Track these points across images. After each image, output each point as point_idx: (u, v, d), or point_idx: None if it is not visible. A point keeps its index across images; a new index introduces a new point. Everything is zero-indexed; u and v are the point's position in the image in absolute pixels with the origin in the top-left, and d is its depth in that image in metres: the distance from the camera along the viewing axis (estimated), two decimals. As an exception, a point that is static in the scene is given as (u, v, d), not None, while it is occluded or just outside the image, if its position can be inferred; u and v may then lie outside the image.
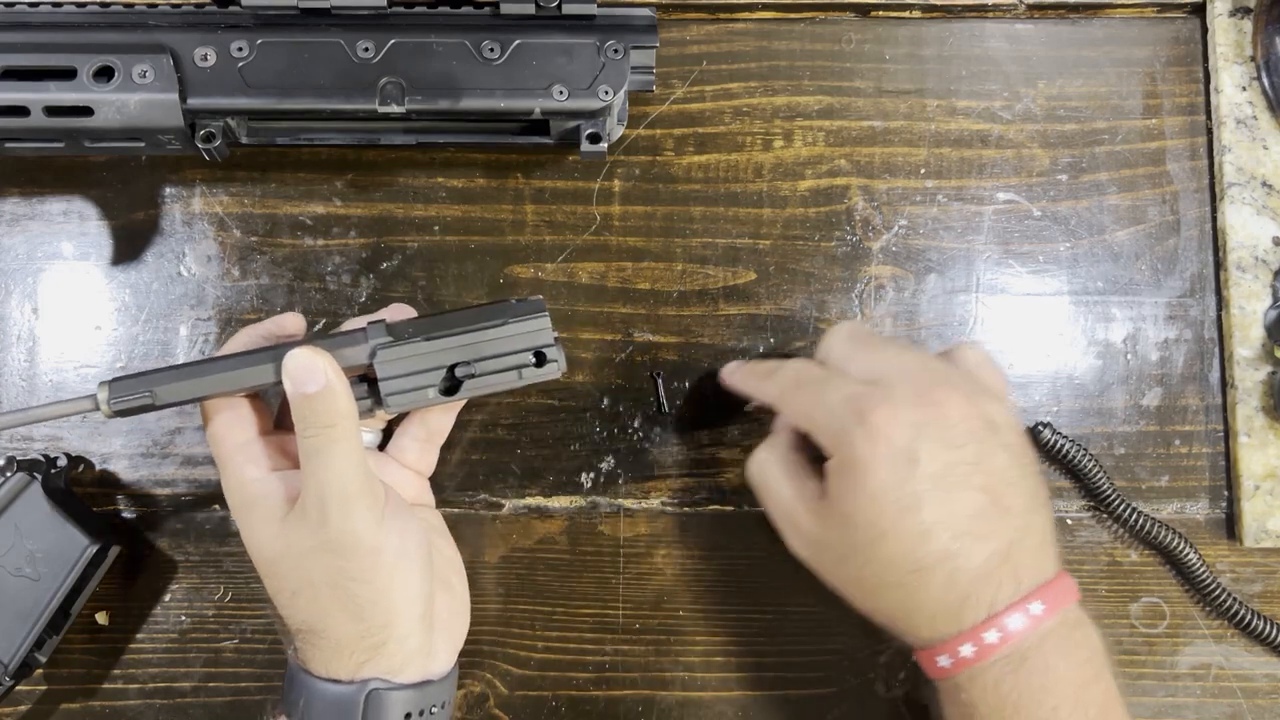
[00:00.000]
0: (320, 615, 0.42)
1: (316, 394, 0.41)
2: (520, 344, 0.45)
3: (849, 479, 0.41)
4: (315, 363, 0.41)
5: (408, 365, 0.44)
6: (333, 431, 0.41)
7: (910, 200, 0.55)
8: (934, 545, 0.40)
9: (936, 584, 0.41)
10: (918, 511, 0.41)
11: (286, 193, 0.54)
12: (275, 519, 0.43)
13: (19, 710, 0.52)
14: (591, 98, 0.49)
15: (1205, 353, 0.55)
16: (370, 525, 0.42)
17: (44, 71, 0.47)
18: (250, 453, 0.44)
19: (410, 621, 0.43)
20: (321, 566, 0.42)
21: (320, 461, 0.41)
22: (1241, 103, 0.54)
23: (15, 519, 0.48)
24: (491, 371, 0.45)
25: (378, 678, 0.43)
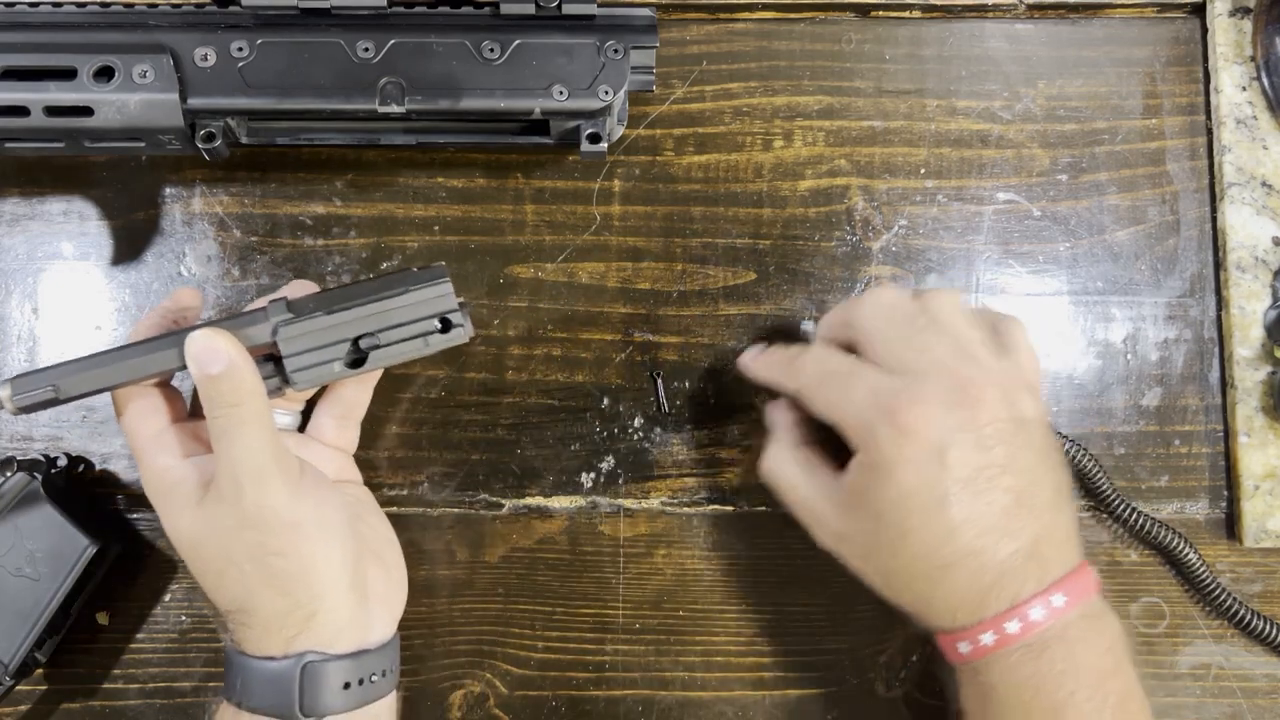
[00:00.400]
0: (246, 593, 0.43)
1: (220, 374, 0.41)
2: (424, 311, 0.45)
3: (876, 478, 0.42)
4: (216, 343, 0.42)
5: (311, 340, 0.44)
6: (239, 410, 0.41)
7: (910, 200, 0.55)
8: (959, 543, 0.41)
9: (961, 579, 0.41)
10: (944, 512, 0.41)
11: (286, 193, 0.54)
12: (192, 503, 0.43)
13: (19, 710, 0.52)
14: (591, 98, 0.49)
15: (1205, 353, 0.55)
16: (286, 499, 0.42)
17: (44, 71, 0.47)
18: (163, 441, 0.44)
19: (338, 593, 0.44)
20: (242, 543, 0.42)
21: (230, 440, 0.41)
22: (1241, 103, 0.54)
23: (15, 519, 0.48)
24: (397, 341, 0.44)
25: (312, 650, 0.43)
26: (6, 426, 0.53)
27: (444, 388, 0.54)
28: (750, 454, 0.52)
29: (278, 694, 0.42)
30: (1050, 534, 0.42)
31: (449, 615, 0.53)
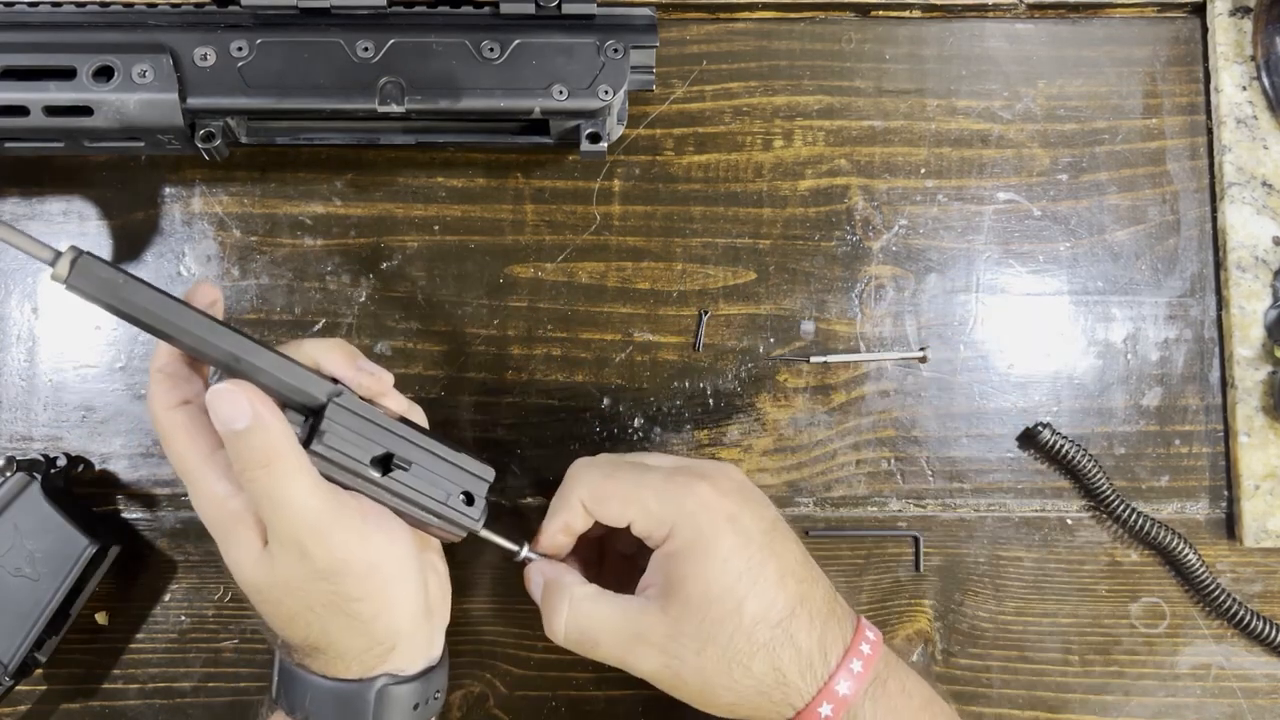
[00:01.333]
0: (322, 635, 0.41)
1: (245, 430, 0.38)
2: (460, 477, 0.44)
3: (696, 556, 0.42)
4: (239, 398, 0.38)
5: (356, 425, 0.41)
6: (272, 469, 0.38)
7: (910, 200, 0.55)
8: (790, 590, 0.42)
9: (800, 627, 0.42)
10: (767, 562, 0.42)
11: (286, 193, 0.54)
12: (254, 548, 0.40)
13: (19, 710, 0.52)
14: (591, 97, 0.49)
15: (1205, 353, 0.55)
16: (355, 546, 0.40)
17: (44, 71, 0.47)
18: (218, 463, 0.41)
19: (415, 623, 0.43)
20: (317, 592, 0.40)
21: (274, 502, 0.39)
22: (1241, 102, 0.54)
23: (15, 519, 0.48)
24: (422, 481, 0.43)
25: (387, 673, 0.42)
26: (6, 427, 0.53)
27: (444, 388, 0.54)
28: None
29: (349, 714, 0.42)
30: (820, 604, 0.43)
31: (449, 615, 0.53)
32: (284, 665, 0.44)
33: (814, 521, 0.54)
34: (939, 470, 0.54)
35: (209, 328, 0.40)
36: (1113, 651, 0.53)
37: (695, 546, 0.42)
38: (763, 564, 0.42)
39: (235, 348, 0.40)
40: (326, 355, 0.42)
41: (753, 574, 0.42)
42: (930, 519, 0.54)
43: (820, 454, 0.54)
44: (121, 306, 0.39)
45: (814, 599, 0.43)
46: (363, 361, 0.43)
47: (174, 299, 0.39)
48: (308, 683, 0.42)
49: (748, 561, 0.42)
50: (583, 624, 0.43)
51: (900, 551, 0.54)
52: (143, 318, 0.39)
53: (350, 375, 0.42)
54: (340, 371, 0.42)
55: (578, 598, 0.43)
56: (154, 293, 0.39)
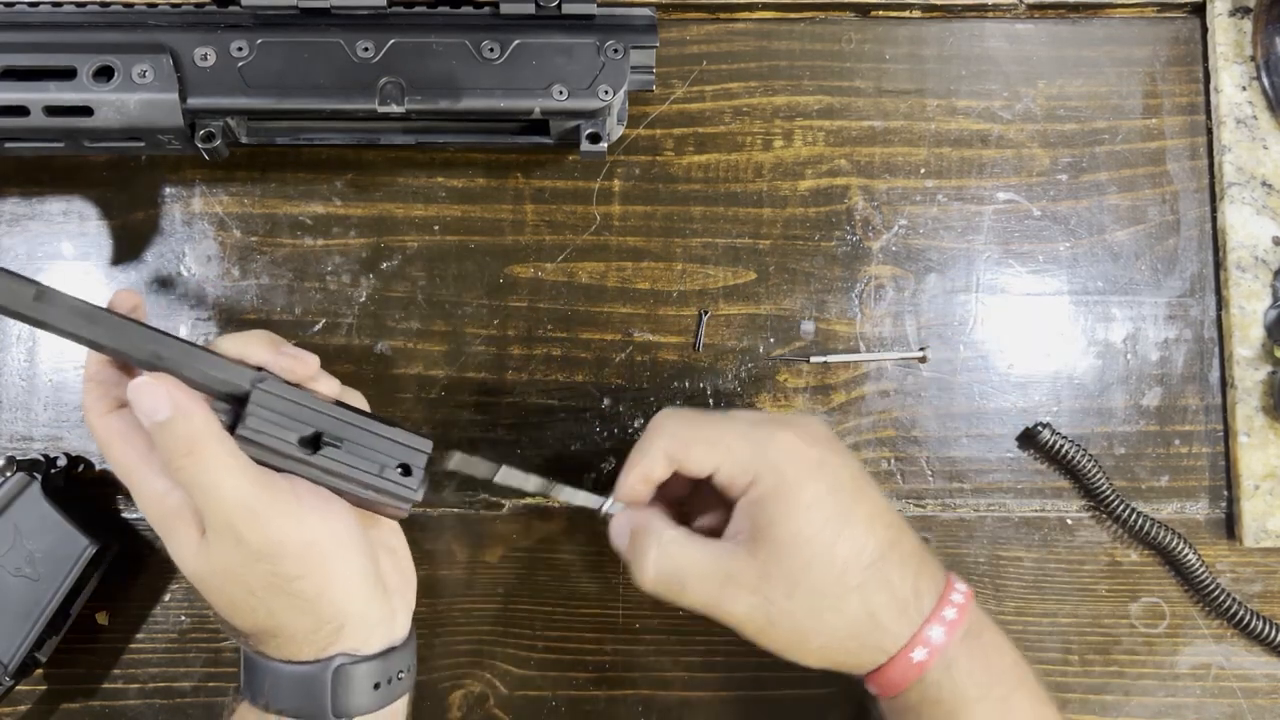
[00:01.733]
0: (269, 616, 0.42)
1: (168, 420, 0.39)
2: (394, 451, 0.43)
3: (783, 501, 0.42)
4: (158, 389, 0.39)
5: (283, 407, 0.42)
6: (197, 456, 0.39)
7: (910, 200, 0.55)
8: (879, 534, 0.42)
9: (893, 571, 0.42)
10: (856, 506, 0.42)
11: (286, 193, 0.54)
12: (194, 539, 0.41)
13: (19, 710, 0.52)
14: (591, 97, 0.49)
15: (1205, 353, 0.55)
16: (289, 525, 0.40)
17: (44, 71, 0.47)
18: (154, 462, 0.41)
19: (363, 599, 0.43)
20: (256, 574, 0.40)
21: (202, 489, 0.39)
22: (1241, 102, 0.54)
23: (15, 519, 0.48)
24: (356, 456, 0.43)
25: (343, 653, 0.42)
26: (7, 426, 0.53)
27: (444, 388, 0.54)
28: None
29: (308, 697, 0.42)
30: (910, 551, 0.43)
31: (449, 615, 0.53)
32: (246, 657, 0.44)
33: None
34: (939, 470, 0.54)
35: (127, 329, 0.41)
36: (1113, 651, 0.53)
37: (781, 492, 0.42)
38: (851, 508, 0.42)
39: (156, 345, 0.41)
40: (249, 345, 0.43)
41: (841, 517, 0.42)
42: (930, 519, 0.54)
43: (820, 454, 0.54)
44: (36, 315, 0.40)
45: (904, 545, 0.43)
46: (285, 346, 0.44)
47: (92, 306, 0.40)
48: (266, 669, 0.43)
49: (836, 506, 0.42)
50: (672, 566, 0.43)
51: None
52: (60, 324, 0.40)
53: (274, 360, 0.43)
54: (264, 359, 0.43)
55: (666, 540, 0.43)
56: (70, 300, 0.40)
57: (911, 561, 0.43)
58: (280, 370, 0.43)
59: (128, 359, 0.41)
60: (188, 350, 0.41)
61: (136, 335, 0.41)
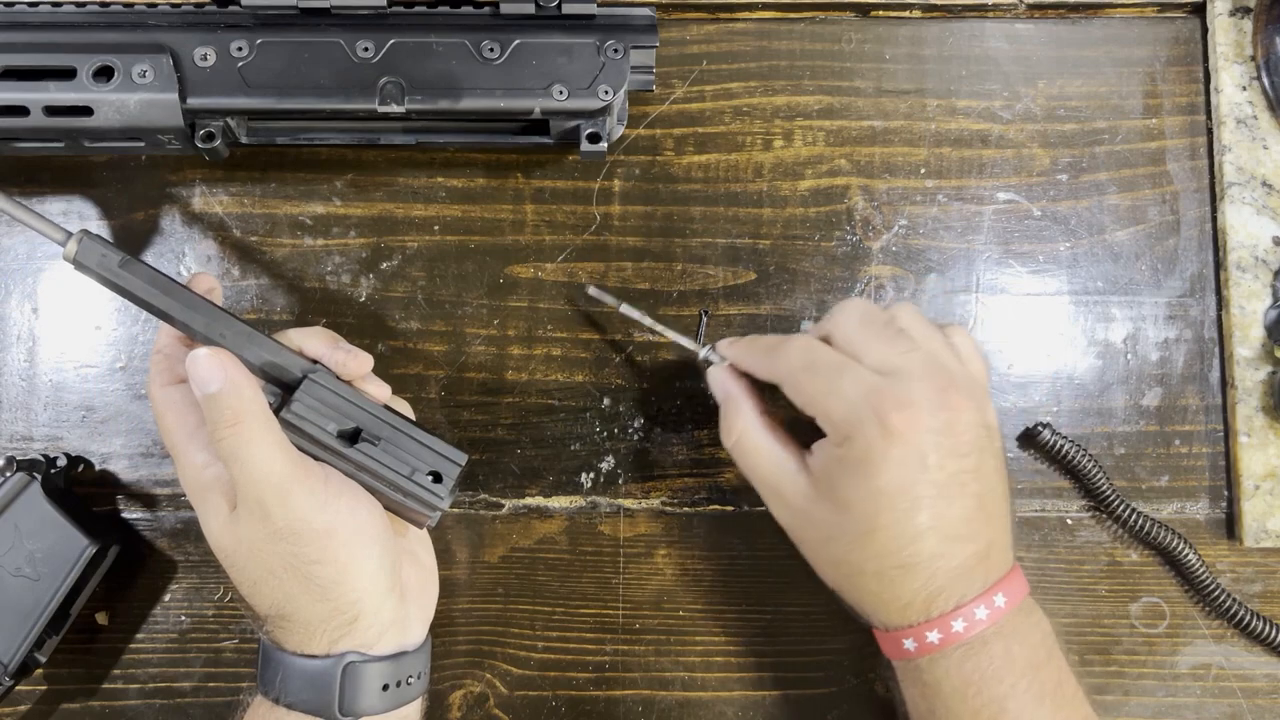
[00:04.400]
0: (286, 599, 0.43)
1: (217, 393, 0.42)
2: (428, 458, 0.45)
3: (855, 471, 0.41)
4: (214, 362, 0.42)
5: (328, 399, 0.44)
6: (240, 428, 0.41)
7: (910, 200, 0.55)
8: (923, 546, 0.41)
9: (917, 579, 0.41)
10: (916, 514, 0.41)
11: (286, 193, 0.54)
12: (224, 512, 0.43)
13: (19, 710, 0.52)
14: (591, 97, 0.49)
15: (1205, 353, 0.55)
16: (315, 508, 0.42)
17: (44, 71, 0.47)
18: (200, 438, 0.44)
19: (378, 595, 0.44)
20: (276, 555, 0.42)
21: (240, 461, 0.41)
22: (1241, 102, 0.54)
23: (15, 519, 0.48)
24: (390, 457, 0.44)
25: (353, 650, 0.43)
26: (6, 427, 0.53)
27: (444, 388, 0.54)
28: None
29: (317, 692, 0.42)
30: (1000, 538, 0.43)
31: (449, 615, 0.53)
32: (263, 646, 0.45)
33: (814, 521, 0.54)
34: (939, 470, 0.54)
35: (199, 306, 0.43)
36: (1113, 651, 0.53)
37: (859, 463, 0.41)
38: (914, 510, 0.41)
39: (222, 325, 0.43)
40: (309, 340, 0.46)
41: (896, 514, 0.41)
42: (930, 519, 0.54)
43: (820, 454, 0.54)
44: (120, 283, 0.43)
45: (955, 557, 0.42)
46: (342, 343, 0.46)
47: (170, 279, 0.43)
48: (280, 661, 0.43)
49: (901, 500, 0.41)
50: (751, 449, 0.45)
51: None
52: (139, 293, 0.43)
53: (330, 355, 0.45)
54: (321, 353, 0.45)
55: (752, 425, 0.45)
56: (151, 272, 0.43)
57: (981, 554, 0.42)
58: (335, 363, 0.45)
59: (194, 335, 0.44)
60: (250, 334, 0.44)
61: (206, 312, 0.43)
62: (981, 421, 0.43)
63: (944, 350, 0.44)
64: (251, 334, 0.44)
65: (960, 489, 0.41)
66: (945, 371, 0.43)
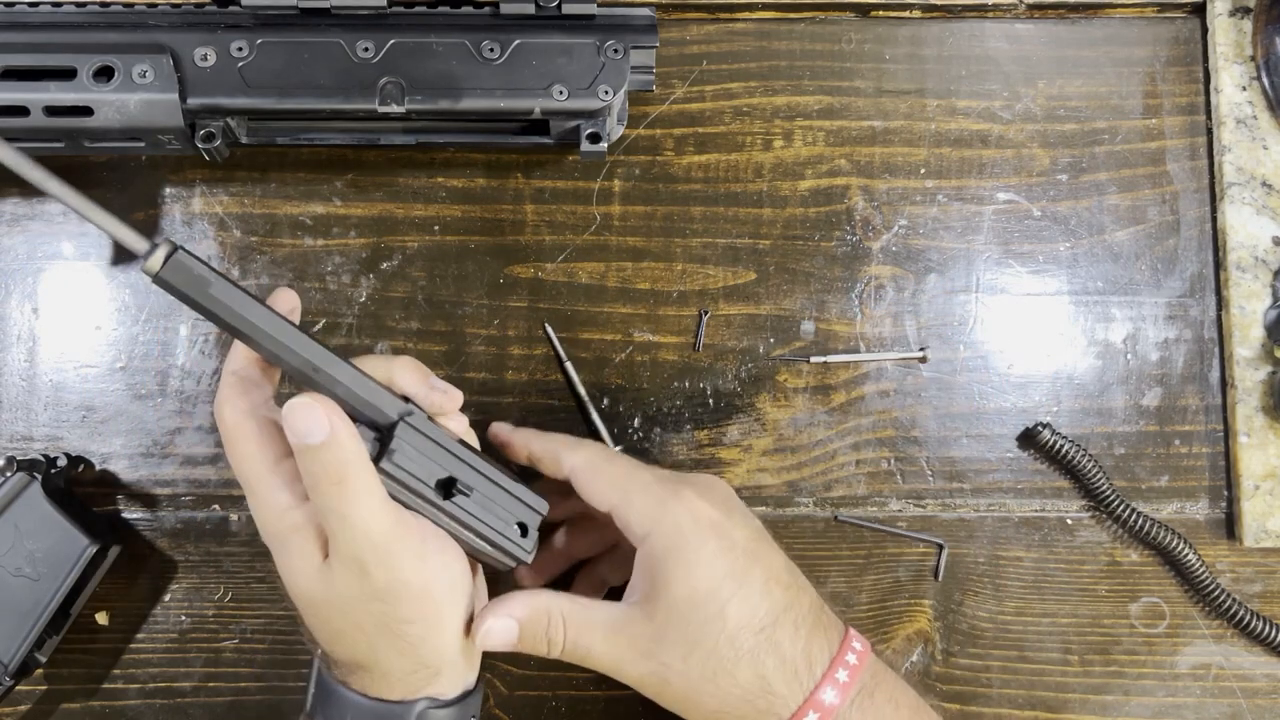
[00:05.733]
0: (369, 652, 0.41)
1: (321, 445, 0.38)
2: (514, 508, 0.44)
3: (679, 559, 0.42)
4: (317, 413, 0.38)
5: (424, 447, 0.41)
6: (345, 487, 0.38)
7: (910, 200, 0.55)
8: (775, 597, 0.42)
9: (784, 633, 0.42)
10: (752, 568, 0.42)
11: (286, 193, 0.54)
12: (312, 562, 0.40)
13: (19, 710, 0.52)
14: (591, 98, 0.49)
15: (1205, 353, 0.55)
16: (415, 570, 0.40)
17: (44, 71, 0.47)
18: (282, 474, 0.40)
19: (462, 649, 0.43)
20: (369, 614, 0.40)
21: (342, 520, 0.39)
22: (1241, 102, 0.54)
23: (15, 519, 0.48)
24: (480, 508, 0.43)
25: (427, 697, 0.42)
26: (7, 426, 0.53)
27: (444, 388, 0.54)
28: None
29: None
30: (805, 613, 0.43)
31: (449, 615, 0.53)
32: (322, 680, 0.43)
33: (814, 521, 0.54)
34: (939, 470, 0.54)
35: (290, 335, 0.39)
36: (1112, 651, 0.53)
37: (678, 549, 0.42)
38: (747, 570, 0.42)
39: (314, 358, 0.39)
40: (399, 372, 0.42)
41: (736, 579, 0.42)
42: (930, 519, 0.54)
43: (820, 454, 0.54)
44: (207, 305, 0.38)
45: (799, 607, 0.43)
46: (435, 380, 0.43)
47: (258, 301, 0.39)
48: (347, 701, 0.42)
49: (730, 566, 0.42)
50: (576, 634, 0.43)
51: (900, 551, 0.54)
52: (226, 318, 0.39)
53: (422, 393, 0.42)
54: (412, 389, 0.42)
55: (567, 609, 0.43)
56: (240, 294, 0.39)
57: (804, 624, 0.42)
58: (428, 404, 0.42)
59: (280, 363, 0.40)
60: (342, 368, 0.40)
61: (298, 344, 0.39)
62: (742, 510, 0.45)
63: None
64: (344, 368, 0.40)
65: (761, 546, 0.44)
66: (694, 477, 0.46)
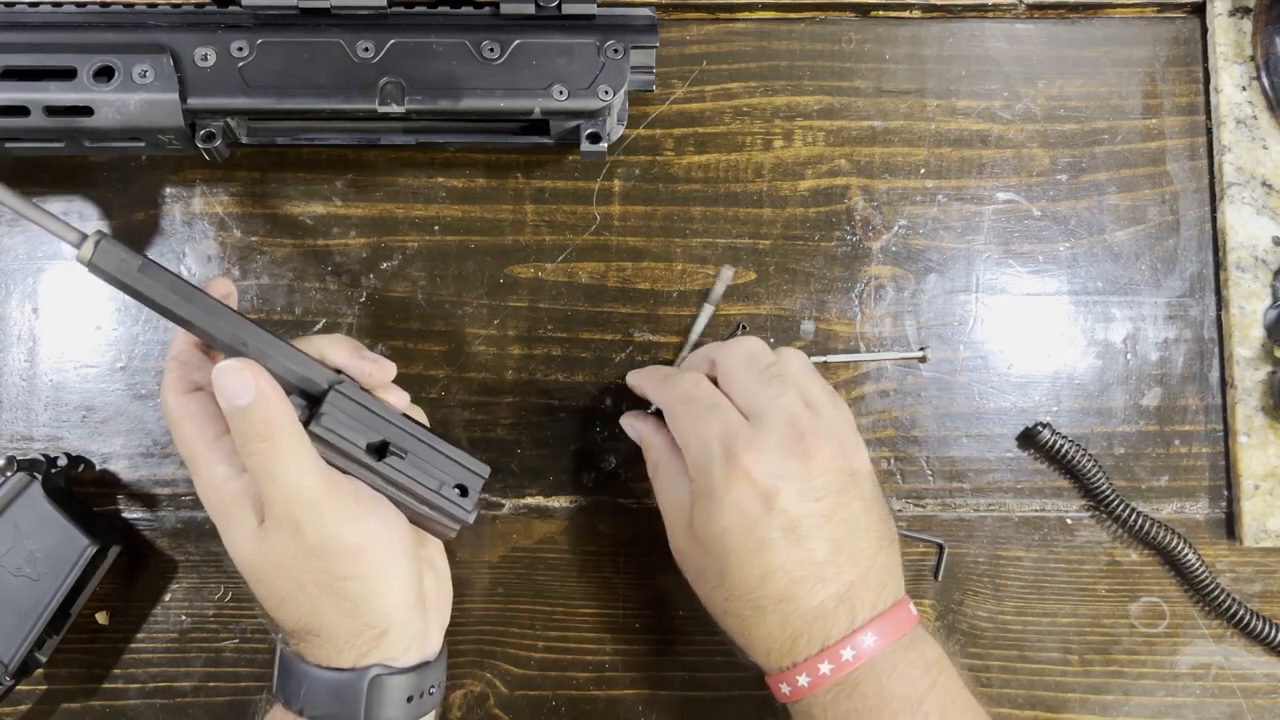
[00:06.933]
0: (314, 615, 0.42)
1: (249, 406, 0.40)
2: (454, 471, 0.45)
3: (705, 509, 0.43)
4: (244, 374, 0.40)
5: (355, 412, 0.43)
6: (273, 444, 0.40)
7: (910, 200, 0.55)
8: (770, 588, 0.42)
9: (773, 621, 0.42)
10: (760, 555, 0.42)
11: (286, 193, 0.54)
12: (250, 527, 0.42)
13: (19, 710, 0.52)
14: (591, 98, 0.49)
15: (1205, 353, 0.55)
16: (348, 524, 0.41)
17: (44, 71, 0.47)
18: (220, 450, 0.42)
19: (406, 609, 0.43)
20: (308, 571, 0.41)
21: (271, 476, 0.40)
22: (1241, 102, 0.54)
23: (15, 519, 0.48)
24: (417, 470, 0.44)
25: (379, 664, 0.43)
26: (7, 426, 0.53)
27: (444, 388, 0.54)
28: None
29: (342, 704, 0.42)
30: (866, 578, 0.43)
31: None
32: (283, 657, 0.44)
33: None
34: (939, 470, 0.54)
35: (219, 313, 0.42)
36: (1112, 651, 0.54)
37: (705, 502, 0.43)
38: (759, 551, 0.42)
39: (244, 333, 0.42)
40: (332, 348, 0.44)
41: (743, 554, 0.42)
42: (930, 519, 0.54)
43: (820, 454, 0.54)
44: (138, 288, 0.41)
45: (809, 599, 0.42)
46: (366, 352, 0.45)
47: (189, 284, 0.41)
48: (304, 674, 0.43)
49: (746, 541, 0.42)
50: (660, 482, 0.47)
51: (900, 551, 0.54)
52: (157, 299, 0.41)
53: (354, 364, 0.44)
54: (344, 362, 0.44)
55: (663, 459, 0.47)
56: (170, 276, 0.41)
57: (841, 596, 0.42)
58: (359, 373, 0.44)
59: (214, 342, 0.42)
60: (273, 342, 0.42)
61: (228, 320, 0.42)
62: (844, 467, 0.43)
63: (818, 395, 0.45)
64: (275, 342, 0.42)
65: (811, 532, 0.42)
66: (807, 417, 0.44)
